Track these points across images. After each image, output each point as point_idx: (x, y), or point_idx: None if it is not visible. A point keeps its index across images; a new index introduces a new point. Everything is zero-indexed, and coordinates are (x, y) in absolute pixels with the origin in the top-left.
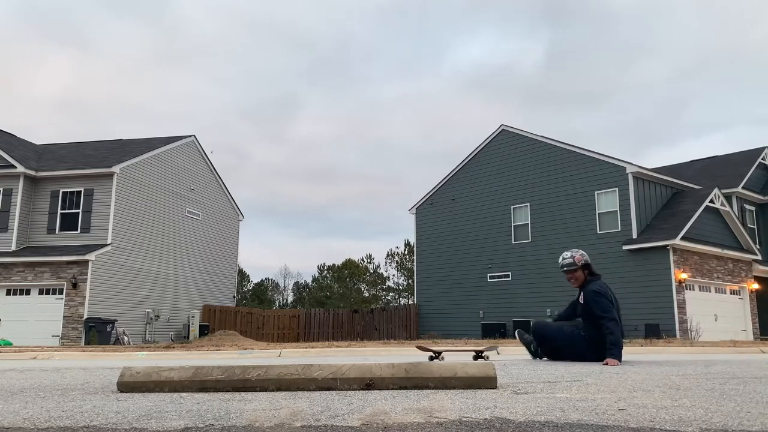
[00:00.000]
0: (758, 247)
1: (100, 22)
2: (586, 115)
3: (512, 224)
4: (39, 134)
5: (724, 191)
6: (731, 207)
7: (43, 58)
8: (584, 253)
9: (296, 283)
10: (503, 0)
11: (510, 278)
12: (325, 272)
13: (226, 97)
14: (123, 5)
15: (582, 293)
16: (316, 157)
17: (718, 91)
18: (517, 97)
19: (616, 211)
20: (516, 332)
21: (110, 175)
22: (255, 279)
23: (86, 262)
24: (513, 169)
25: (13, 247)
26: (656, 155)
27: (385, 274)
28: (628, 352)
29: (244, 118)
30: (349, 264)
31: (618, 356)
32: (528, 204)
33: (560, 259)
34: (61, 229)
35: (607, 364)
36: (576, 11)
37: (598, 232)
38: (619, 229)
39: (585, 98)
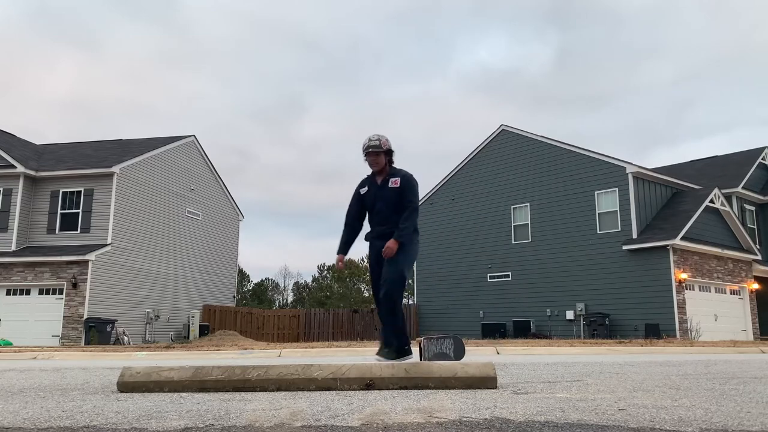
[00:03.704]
0: (758, 247)
1: (110, 24)
2: (591, 117)
3: (512, 224)
4: (47, 135)
5: (724, 191)
6: (731, 207)
7: (53, 59)
8: (390, 140)
9: (296, 283)
10: (510, 3)
11: (510, 278)
12: (325, 272)
13: (234, 99)
14: (132, 7)
15: (393, 178)
16: (321, 158)
17: (721, 93)
18: (523, 99)
19: (616, 211)
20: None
21: (110, 175)
22: (255, 279)
23: (86, 262)
24: (513, 169)
25: (13, 247)
26: (659, 156)
27: None
28: (628, 352)
29: (251, 119)
30: (349, 264)
31: (407, 240)
32: (528, 204)
33: (367, 140)
34: (61, 229)
35: (387, 247)
36: (582, 14)
37: (598, 232)
38: (619, 229)
39: (591, 100)
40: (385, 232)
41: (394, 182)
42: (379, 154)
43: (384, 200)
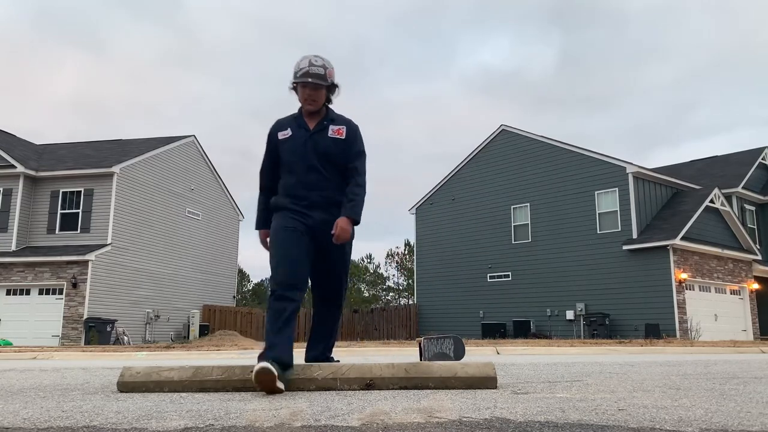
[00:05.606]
0: (758, 247)
1: (112, 25)
2: (593, 118)
3: (512, 224)
4: (48, 135)
5: (724, 191)
6: (731, 207)
7: (55, 59)
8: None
9: None
10: (514, 4)
11: (510, 278)
12: None
13: (235, 98)
14: (134, 8)
15: (335, 126)
16: None
17: (722, 93)
18: (525, 100)
19: (616, 211)
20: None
21: (110, 175)
22: (255, 279)
23: (86, 262)
24: (513, 169)
25: (13, 247)
26: (660, 156)
27: (385, 274)
28: (628, 352)
29: (252, 119)
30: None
31: (359, 217)
32: (528, 204)
33: (306, 62)
34: (61, 229)
35: (342, 229)
36: (584, 15)
37: (598, 232)
38: (619, 229)
39: (592, 101)
40: (320, 202)
41: (337, 131)
42: (319, 88)
43: (320, 154)
